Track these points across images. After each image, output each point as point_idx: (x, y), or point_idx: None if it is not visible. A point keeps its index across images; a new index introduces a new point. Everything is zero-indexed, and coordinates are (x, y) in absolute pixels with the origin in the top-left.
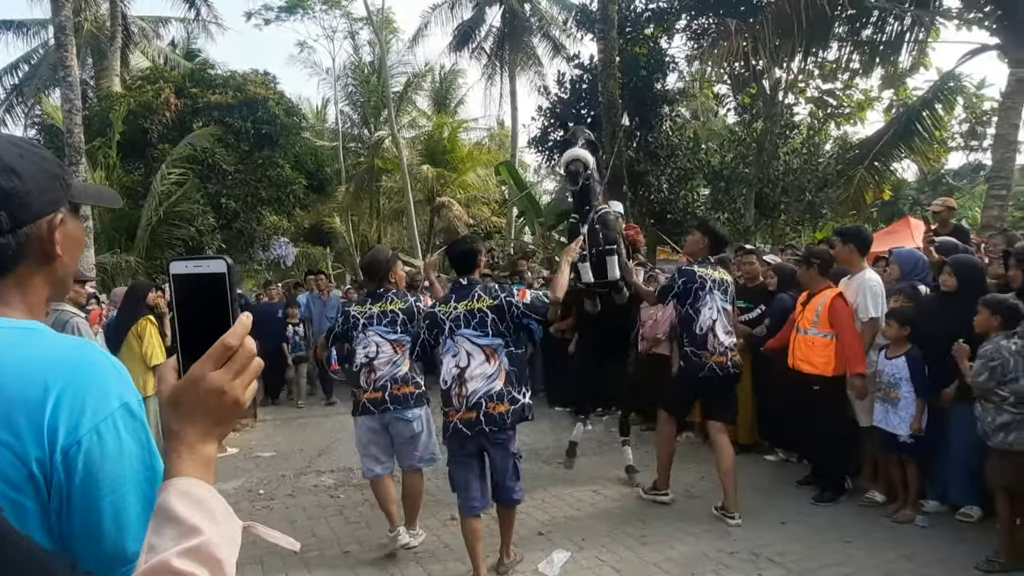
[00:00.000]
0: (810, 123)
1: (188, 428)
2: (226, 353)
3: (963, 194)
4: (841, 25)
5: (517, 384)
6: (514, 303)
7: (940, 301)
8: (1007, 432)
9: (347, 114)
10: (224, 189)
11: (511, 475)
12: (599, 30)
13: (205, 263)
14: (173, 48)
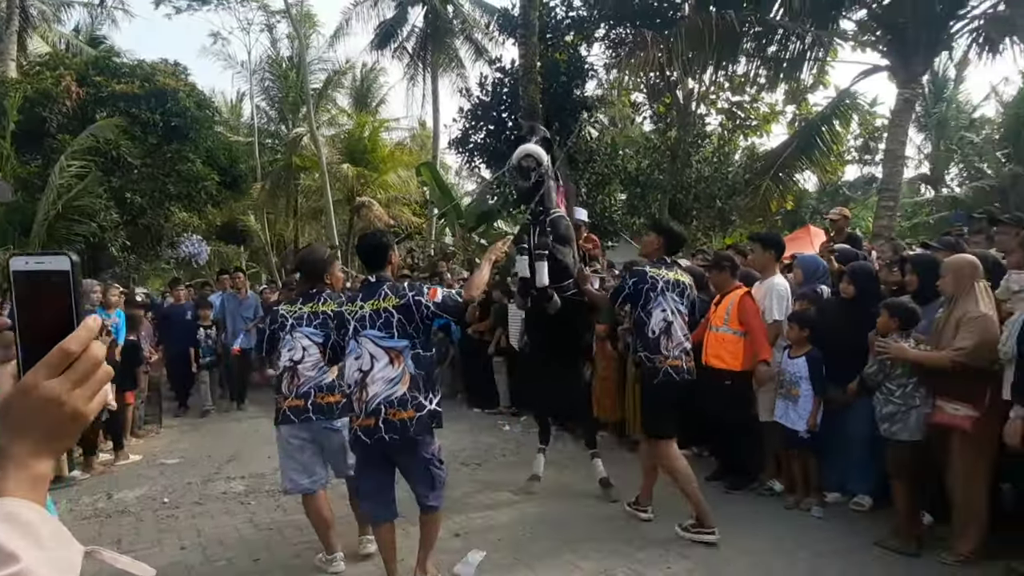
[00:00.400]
0: (720, 133)
1: (17, 443)
2: (65, 359)
3: (858, 204)
4: (749, 41)
5: (424, 389)
6: (423, 302)
7: (840, 306)
8: (892, 422)
9: (263, 109)
10: (129, 183)
11: (422, 482)
12: (520, 35)
13: (47, 259)
14: (76, 34)
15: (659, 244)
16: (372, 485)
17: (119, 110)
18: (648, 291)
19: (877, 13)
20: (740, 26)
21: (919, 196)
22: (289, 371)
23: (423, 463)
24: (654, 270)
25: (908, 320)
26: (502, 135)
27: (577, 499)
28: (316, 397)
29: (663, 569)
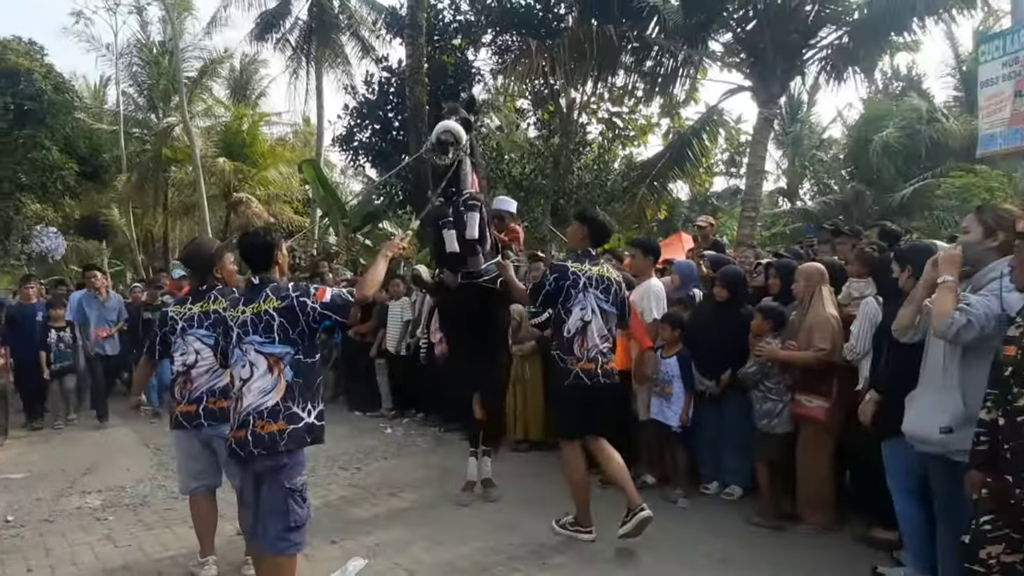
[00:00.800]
0: (600, 142)
1: None
2: None
3: (725, 214)
4: (627, 56)
5: (301, 399)
6: (308, 304)
7: (713, 308)
8: (770, 418)
9: (131, 96)
10: None
11: (277, 515)
12: (408, 35)
13: None
14: None
15: (583, 235)
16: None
17: None
18: (569, 287)
19: (741, 37)
20: (619, 41)
21: (777, 208)
22: (182, 376)
23: (283, 493)
24: (576, 265)
25: (779, 321)
26: (388, 134)
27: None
28: (208, 402)
29: (540, 565)
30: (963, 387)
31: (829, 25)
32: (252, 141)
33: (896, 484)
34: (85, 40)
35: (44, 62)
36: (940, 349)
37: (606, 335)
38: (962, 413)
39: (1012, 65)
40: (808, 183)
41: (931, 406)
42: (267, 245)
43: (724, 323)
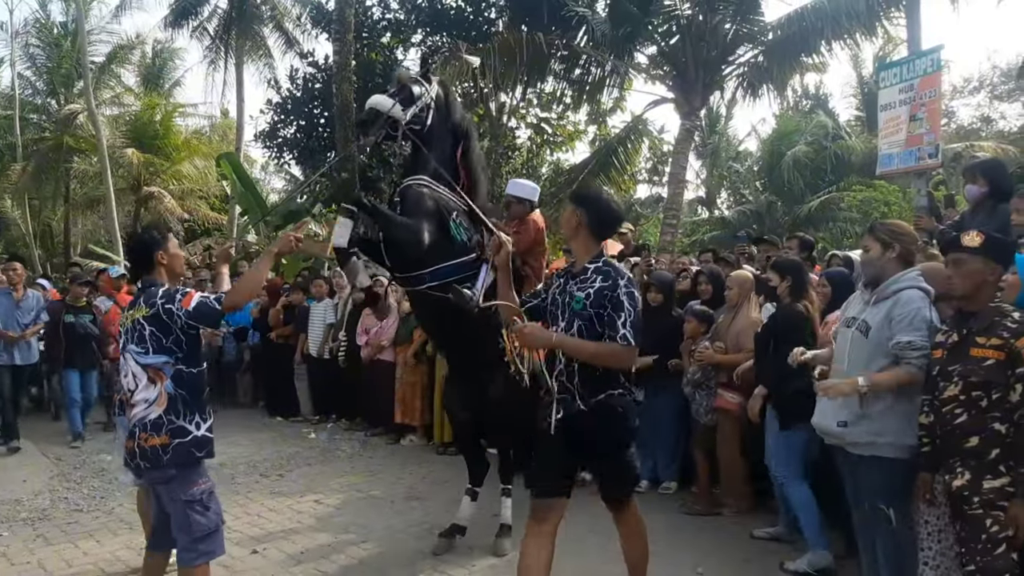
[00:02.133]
0: (529, 147)
1: None
2: None
3: (648, 220)
4: (556, 63)
5: (186, 411)
6: (174, 311)
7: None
8: (713, 413)
9: (28, 79)
10: None
11: (180, 526)
12: (335, 31)
13: None
14: None
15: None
16: (155, 510)
17: None
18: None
19: (665, 51)
20: (548, 48)
21: (697, 216)
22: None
23: (181, 505)
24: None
25: (710, 323)
26: (314, 131)
27: (381, 504)
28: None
29: (467, 567)
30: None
31: (746, 44)
32: (165, 133)
33: (789, 471)
34: None
35: None
36: (844, 349)
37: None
38: (857, 410)
39: (908, 91)
40: (725, 193)
41: (832, 402)
42: (145, 244)
43: (656, 326)
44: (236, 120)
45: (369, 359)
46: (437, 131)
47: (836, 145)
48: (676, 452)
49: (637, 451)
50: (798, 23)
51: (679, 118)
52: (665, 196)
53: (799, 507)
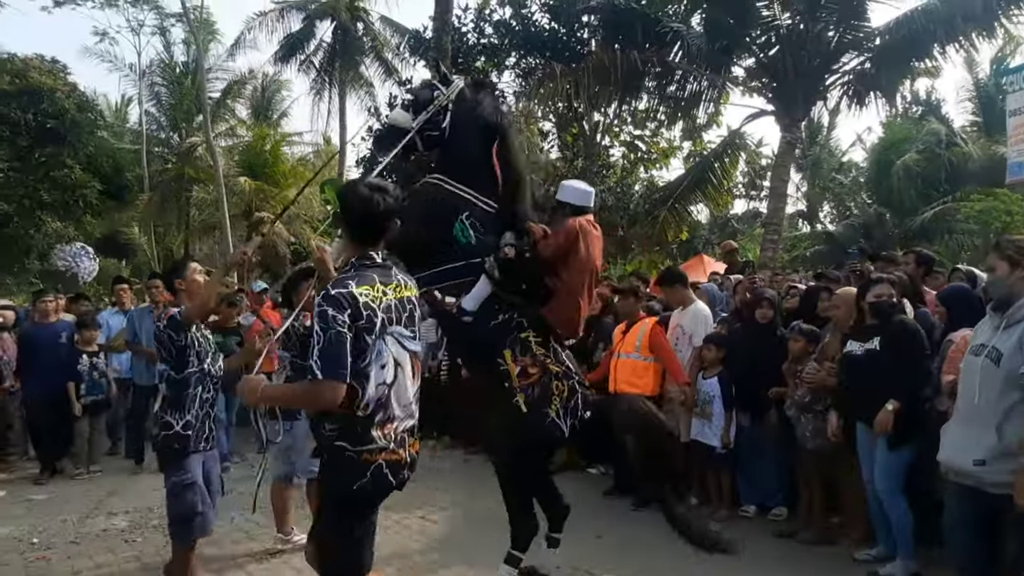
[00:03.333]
0: (623, 165)
1: None
2: None
3: (745, 237)
4: (650, 80)
5: (171, 409)
6: (159, 325)
7: (750, 330)
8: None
9: (153, 116)
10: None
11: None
12: (432, 58)
13: None
14: None
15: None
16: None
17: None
18: (363, 334)
19: (763, 62)
20: (643, 65)
21: (797, 230)
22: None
23: (167, 489)
24: (365, 288)
25: (817, 344)
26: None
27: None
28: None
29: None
30: (999, 420)
31: (851, 51)
32: (274, 161)
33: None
34: (108, 60)
35: (68, 81)
36: (974, 381)
37: (410, 402)
38: (996, 446)
39: None
40: (828, 206)
41: (965, 437)
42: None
43: (761, 345)
44: (339, 147)
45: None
46: (460, 131)
47: (951, 152)
48: (783, 476)
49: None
50: (907, 27)
51: (779, 130)
52: (764, 211)
53: (898, 519)
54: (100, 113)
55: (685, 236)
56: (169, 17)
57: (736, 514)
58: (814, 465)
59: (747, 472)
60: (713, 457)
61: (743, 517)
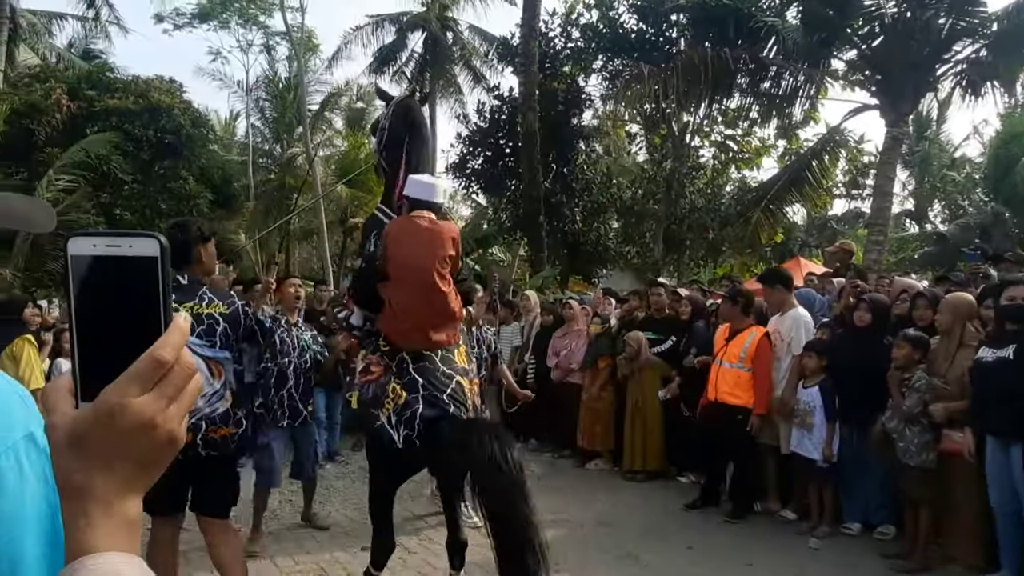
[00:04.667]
0: (714, 165)
1: (100, 479)
2: (158, 371)
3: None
4: (742, 77)
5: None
6: (250, 313)
7: (855, 335)
8: (928, 452)
9: (258, 129)
10: (120, 199)
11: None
12: (520, 64)
13: (125, 241)
14: (69, 47)
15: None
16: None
17: (111, 125)
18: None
19: (867, 54)
20: (734, 63)
21: (904, 231)
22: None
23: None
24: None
25: (925, 352)
26: (499, 160)
27: (573, 527)
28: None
29: None
30: None
31: (964, 39)
32: (368, 169)
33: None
34: (218, 78)
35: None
36: None
37: (208, 395)
38: None
39: None
40: (939, 204)
41: None
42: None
43: (866, 352)
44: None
45: (559, 381)
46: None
47: None
48: (890, 492)
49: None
50: None
51: (884, 126)
52: (867, 211)
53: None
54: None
55: (780, 238)
56: (274, 36)
57: (838, 531)
58: (919, 483)
59: (851, 487)
60: (814, 470)
61: (846, 535)
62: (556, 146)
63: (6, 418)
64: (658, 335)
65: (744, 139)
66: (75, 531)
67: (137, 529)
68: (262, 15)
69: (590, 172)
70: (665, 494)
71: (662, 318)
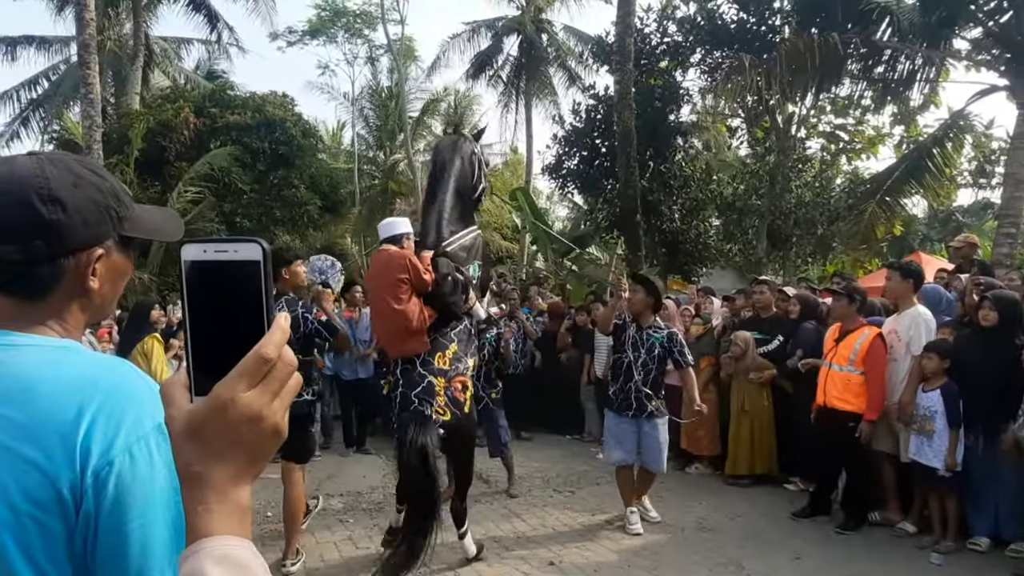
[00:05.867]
0: (822, 157)
1: (216, 468)
2: (263, 368)
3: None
4: (853, 63)
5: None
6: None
7: (980, 335)
8: None
9: (363, 137)
10: (239, 208)
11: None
12: (615, 62)
13: (231, 247)
14: (195, 69)
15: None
16: None
17: (231, 139)
18: None
19: (994, 31)
20: (844, 48)
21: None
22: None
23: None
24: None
25: None
26: (595, 161)
27: (673, 531)
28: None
29: None
30: None
31: None
32: None
33: None
34: (326, 91)
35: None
36: None
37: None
38: None
39: None
40: None
41: None
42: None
43: (994, 354)
44: (525, 156)
45: None
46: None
47: None
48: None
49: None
50: None
51: (1014, 108)
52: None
53: None
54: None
55: (899, 231)
56: (377, 47)
57: (964, 547)
58: None
59: (979, 498)
60: (935, 480)
61: (973, 551)
62: (653, 143)
63: (140, 409)
64: (764, 335)
65: (856, 128)
66: (194, 516)
67: (248, 515)
68: (366, 29)
69: (689, 169)
70: (771, 500)
71: (767, 317)
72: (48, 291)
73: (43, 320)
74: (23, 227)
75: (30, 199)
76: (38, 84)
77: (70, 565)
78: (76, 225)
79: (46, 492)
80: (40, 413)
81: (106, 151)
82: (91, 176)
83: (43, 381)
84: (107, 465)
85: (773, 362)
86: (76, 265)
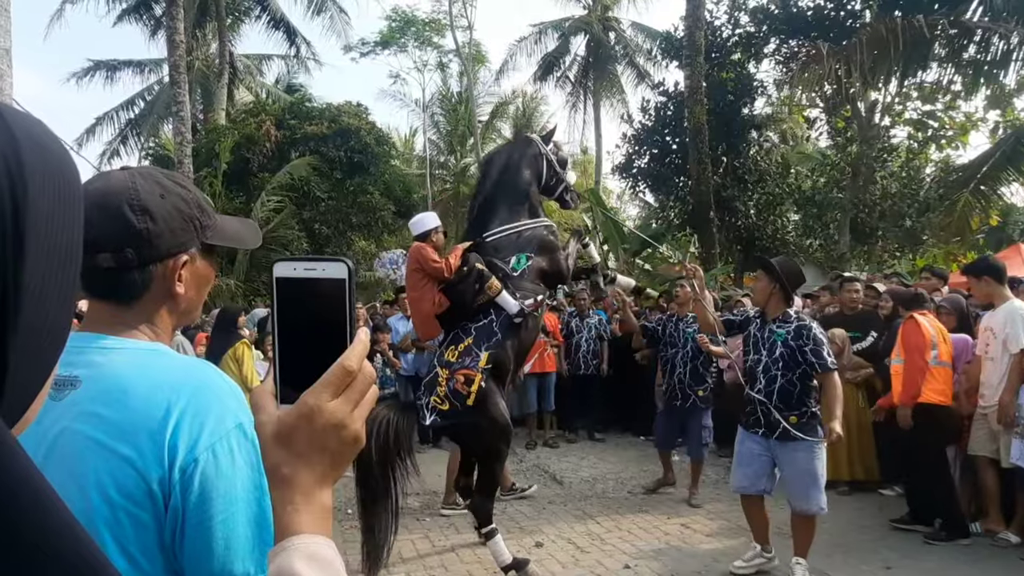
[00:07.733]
0: (909, 146)
1: (303, 472)
2: (346, 379)
3: None
4: (941, 46)
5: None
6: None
7: None
8: None
9: (434, 142)
10: (317, 215)
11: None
12: (685, 57)
13: (319, 266)
14: (275, 83)
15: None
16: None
17: (310, 149)
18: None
19: None
20: (930, 30)
21: None
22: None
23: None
24: None
25: None
26: (665, 159)
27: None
28: None
29: None
30: None
31: None
32: None
33: None
34: (398, 99)
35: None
36: None
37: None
38: None
39: None
40: None
41: None
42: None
43: None
44: (595, 155)
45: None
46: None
47: None
48: None
49: None
50: None
51: None
52: None
53: None
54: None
55: (995, 222)
56: (446, 53)
57: None
58: None
59: None
60: None
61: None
62: (726, 138)
63: (222, 409)
64: (853, 333)
65: (946, 114)
66: (283, 515)
67: (329, 515)
68: (435, 36)
69: (764, 163)
70: (859, 506)
71: (854, 314)
72: (138, 297)
73: (135, 324)
74: (116, 236)
75: (122, 210)
76: (134, 104)
77: (161, 556)
78: (164, 233)
79: (138, 487)
80: (132, 413)
81: (196, 165)
82: (176, 188)
83: (135, 382)
84: (193, 462)
85: (868, 360)
86: (164, 271)
